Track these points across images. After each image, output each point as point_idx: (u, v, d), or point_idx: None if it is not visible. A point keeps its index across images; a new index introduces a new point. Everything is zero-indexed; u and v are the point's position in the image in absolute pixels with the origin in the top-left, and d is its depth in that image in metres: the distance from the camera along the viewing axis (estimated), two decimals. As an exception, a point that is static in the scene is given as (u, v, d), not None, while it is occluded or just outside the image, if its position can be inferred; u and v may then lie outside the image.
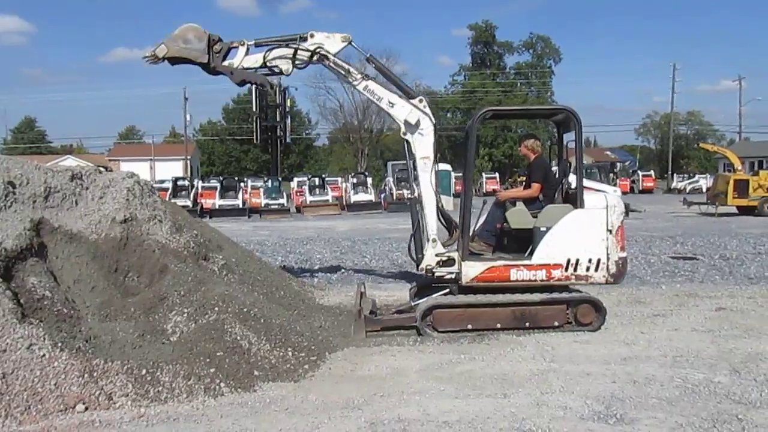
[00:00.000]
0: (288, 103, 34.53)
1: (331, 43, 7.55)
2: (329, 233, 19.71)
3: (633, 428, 4.38)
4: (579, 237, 6.81)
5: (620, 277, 6.98)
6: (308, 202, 32.26)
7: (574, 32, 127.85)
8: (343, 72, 7.53)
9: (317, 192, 34.01)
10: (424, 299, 7.18)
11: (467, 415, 4.65)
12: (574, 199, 6.99)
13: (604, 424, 4.47)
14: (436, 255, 7.20)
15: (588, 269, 6.83)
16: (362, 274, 10.98)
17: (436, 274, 7.28)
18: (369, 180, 36.53)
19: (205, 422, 4.59)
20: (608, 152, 78.80)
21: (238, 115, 71.90)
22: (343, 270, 11.49)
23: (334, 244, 15.93)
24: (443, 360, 5.99)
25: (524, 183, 7.90)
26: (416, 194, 7.46)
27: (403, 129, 7.29)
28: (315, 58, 7.51)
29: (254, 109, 32.88)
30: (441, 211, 7.41)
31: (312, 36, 7.52)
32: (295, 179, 41.15)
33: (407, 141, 7.32)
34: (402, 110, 7.25)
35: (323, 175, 39.11)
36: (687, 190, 45.37)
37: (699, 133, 77.62)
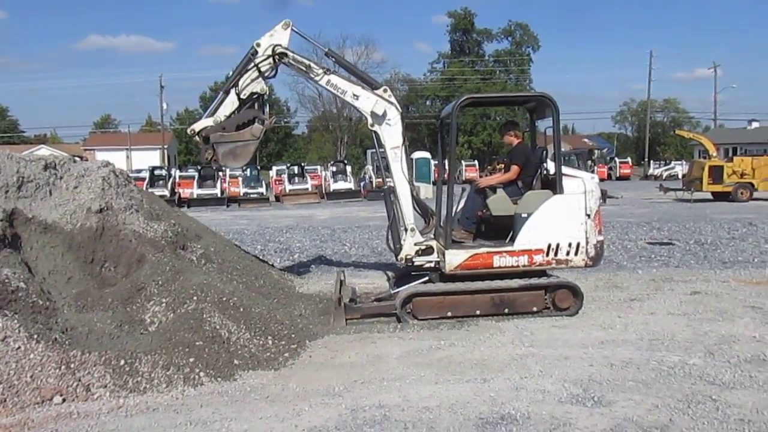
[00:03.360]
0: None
1: (277, 37, 7.43)
2: (309, 222, 19.65)
3: (610, 410, 4.44)
4: (559, 222, 6.88)
5: (598, 260, 7.08)
6: (287, 191, 32.03)
7: (552, 20, 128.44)
8: (303, 68, 7.44)
9: (296, 180, 33.78)
10: (404, 287, 7.20)
11: (447, 400, 4.68)
12: (553, 185, 7.04)
13: (582, 406, 4.53)
14: (415, 244, 7.22)
15: (568, 253, 6.91)
16: (342, 263, 10.97)
17: (416, 263, 7.30)
18: (348, 168, 36.30)
19: (185, 412, 4.58)
20: (586, 139, 79.36)
21: (216, 104, 70.94)
22: (322, 258, 11.48)
23: (313, 233, 15.89)
24: (423, 346, 6.02)
25: (504, 167, 7.94)
26: (390, 184, 7.45)
27: (370, 121, 7.26)
28: (276, 59, 7.40)
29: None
30: (416, 200, 7.41)
31: (259, 45, 7.39)
32: (274, 168, 40.78)
33: (376, 132, 7.30)
34: (367, 102, 7.22)
35: (302, 164, 38.81)
36: (663, 177, 45.82)
37: (675, 121, 78.33)
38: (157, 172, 34.84)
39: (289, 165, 37.75)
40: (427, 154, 32.43)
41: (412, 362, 5.58)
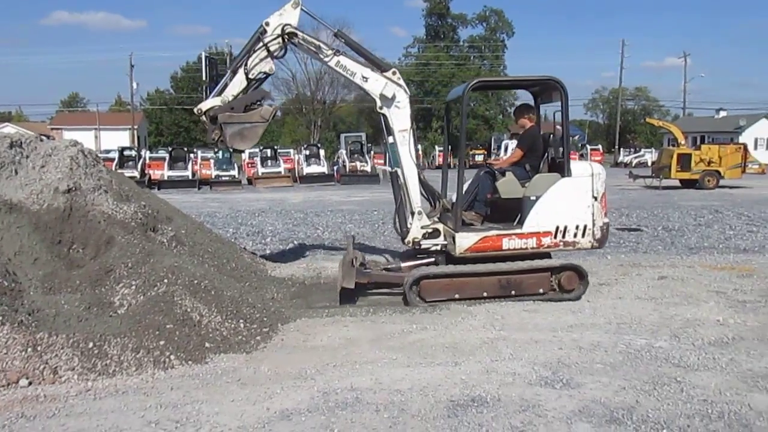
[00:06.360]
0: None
1: (287, 16, 7.23)
2: (281, 205, 19.54)
3: (579, 392, 4.52)
4: (567, 204, 6.96)
5: (604, 241, 7.21)
6: (260, 174, 31.69)
7: (526, 7, 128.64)
8: (313, 48, 7.29)
9: (269, 164, 33.41)
10: (410, 263, 7.28)
11: (419, 382, 4.71)
12: (560, 168, 7.11)
13: (551, 388, 4.59)
14: (422, 227, 7.23)
15: (575, 235, 7.00)
16: (315, 246, 10.95)
17: (423, 246, 7.31)
18: (321, 152, 36.07)
19: (155, 395, 4.53)
20: (558, 126, 79.88)
21: (187, 84, 69.95)
22: (295, 242, 11.43)
23: (286, 216, 15.81)
24: (395, 330, 6.04)
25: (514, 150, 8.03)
26: (395, 168, 7.38)
27: (379, 103, 7.18)
28: (286, 39, 7.21)
29: (204, 78, 31.92)
30: (423, 183, 7.41)
31: (268, 24, 7.19)
32: (247, 150, 40.40)
33: (384, 115, 7.23)
34: (377, 84, 7.14)
35: (275, 147, 38.43)
36: (633, 164, 46.36)
37: (645, 109, 79.32)
38: (126, 152, 34.22)
39: (261, 148, 37.32)
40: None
41: (384, 346, 5.60)
